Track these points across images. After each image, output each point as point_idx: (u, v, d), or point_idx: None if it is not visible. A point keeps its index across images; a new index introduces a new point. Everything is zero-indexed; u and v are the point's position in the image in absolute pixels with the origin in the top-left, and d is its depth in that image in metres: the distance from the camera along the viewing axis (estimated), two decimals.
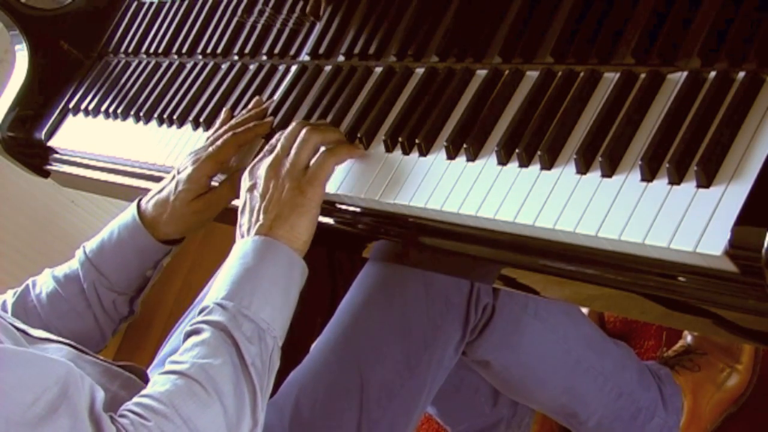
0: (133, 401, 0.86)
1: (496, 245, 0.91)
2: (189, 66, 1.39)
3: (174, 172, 1.16)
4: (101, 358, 1.02)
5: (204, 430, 0.84)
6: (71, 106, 1.53)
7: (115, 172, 1.40)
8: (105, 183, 1.43)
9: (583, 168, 0.86)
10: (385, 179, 1.00)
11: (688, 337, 1.44)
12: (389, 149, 1.03)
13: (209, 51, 1.37)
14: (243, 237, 1.00)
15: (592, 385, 1.23)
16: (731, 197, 0.75)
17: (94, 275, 1.14)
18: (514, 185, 0.90)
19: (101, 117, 1.47)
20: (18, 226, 2.11)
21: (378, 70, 1.12)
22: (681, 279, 0.78)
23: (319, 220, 1.02)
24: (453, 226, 0.94)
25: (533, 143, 0.91)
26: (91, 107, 1.49)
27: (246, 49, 1.31)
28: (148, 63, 1.46)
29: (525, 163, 0.90)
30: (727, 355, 1.39)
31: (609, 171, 0.84)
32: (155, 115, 1.36)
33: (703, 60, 0.85)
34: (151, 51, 1.48)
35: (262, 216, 0.99)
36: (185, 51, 1.42)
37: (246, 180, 1.04)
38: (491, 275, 0.95)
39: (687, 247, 0.75)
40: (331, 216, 1.06)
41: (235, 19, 1.36)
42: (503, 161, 0.92)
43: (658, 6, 0.90)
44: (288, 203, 0.99)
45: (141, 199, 1.16)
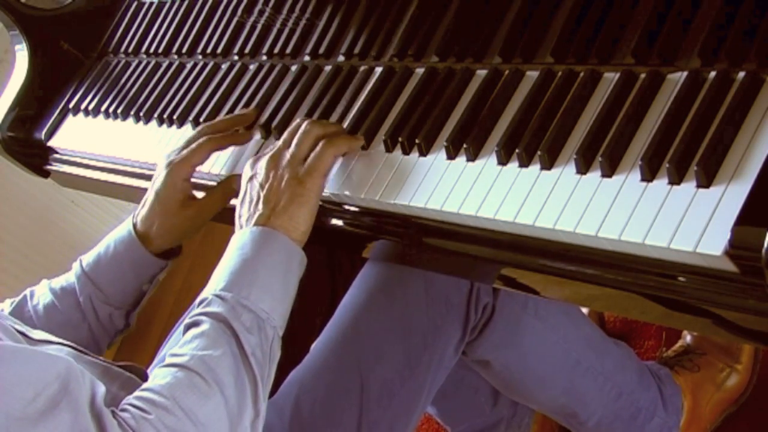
0: (134, 395, 0.86)
1: (496, 245, 0.91)
2: (189, 66, 1.39)
3: (151, 182, 1.15)
4: (101, 358, 1.02)
5: (205, 421, 0.84)
6: (71, 106, 1.53)
7: (115, 172, 1.40)
8: (105, 183, 1.43)
9: (583, 168, 0.86)
10: (385, 179, 1.00)
11: (687, 337, 1.44)
12: (389, 149, 1.03)
13: (209, 51, 1.37)
14: (241, 227, 1.00)
15: (592, 385, 1.23)
16: (731, 197, 0.75)
17: (90, 289, 1.14)
18: (514, 185, 0.90)
19: (101, 117, 1.47)
20: (18, 226, 2.11)
21: (378, 70, 1.12)
22: (681, 279, 0.78)
23: (320, 220, 1.02)
24: (453, 226, 0.94)
25: (533, 143, 0.91)
26: (91, 107, 1.49)
27: (246, 49, 1.31)
28: (148, 63, 1.46)
29: (525, 163, 0.90)
30: (727, 355, 1.39)
31: (609, 171, 0.84)
32: (155, 115, 1.36)
33: (703, 60, 0.85)
34: (151, 51, 1.47)
35: (261, 205, 0.99)
36: (185, 51, 1.42)
37: (247, 171, 1.04)
38: (491, 275, 0.95)
39: (687, 247, 0.75)
40: (331, 216, 1.06)
41: (235, 19, 1.36)
42: (503, 161, 0.92)
43: (658, 6, 0.90)
44: (287, 193, 0.99)
45: (135, 214, 1.16)
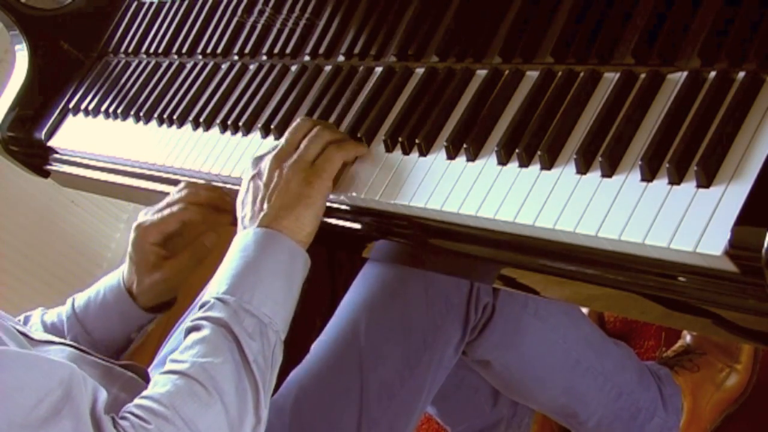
0: (134, 403, 0.86)
1: (496, 245, 0.91)
2: (189, 66, 1.39)
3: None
4: (103, 358, 1.02)
5: (206, 430, 0.84)
6: (71, 106, 1.53)
7: (115, 172, 1.40)
8: (105, 183, 1.43)
9: (583, 168, 0.86)
10: (385, 179, 1.00)
11: (687, 337, 1.44)
12: (389, 149, 1.03)
13: (209, 51, 1.37)
14: (245, 228, 0.99)
15: (591, 385, 1.23)
16: (731, 197, 0.75)
17: (78, 330, 1.14)
18: (514, 185, 0.90)
19: (101, 117, 1.47)
20: (18, 226, 2.11)
21: (378, 70, 1.12)
22: (681, 279, 0.78)
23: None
24: (453, 226, 0.94)
25: (533, 143, 0.91)
26: (91, 107, 1.49)
27: (246, 49, 1.31)
28: (148, 63, 1.46)
29: (525, 163, 0.90)
30: (727, 355, 1.39)
31: (609, 171, 0.84)
32: (155, 115, 1.36)
33: (703, 60, 0.85)
34: (151, 51, 1.47)
35: (266, 205, 0.99)
36: (185, 51, 1.42)
37: (249, 170, 1.03)
38: (491, 275, 0.95)
39: (687, 247, 0.75)
40: (332, 216, 1.06)
41: (235, 19, 1.36)
42: (503, 161, 0.92)
43: (658, 6, 0.90)
44: (294, 194, 0.98)
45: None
